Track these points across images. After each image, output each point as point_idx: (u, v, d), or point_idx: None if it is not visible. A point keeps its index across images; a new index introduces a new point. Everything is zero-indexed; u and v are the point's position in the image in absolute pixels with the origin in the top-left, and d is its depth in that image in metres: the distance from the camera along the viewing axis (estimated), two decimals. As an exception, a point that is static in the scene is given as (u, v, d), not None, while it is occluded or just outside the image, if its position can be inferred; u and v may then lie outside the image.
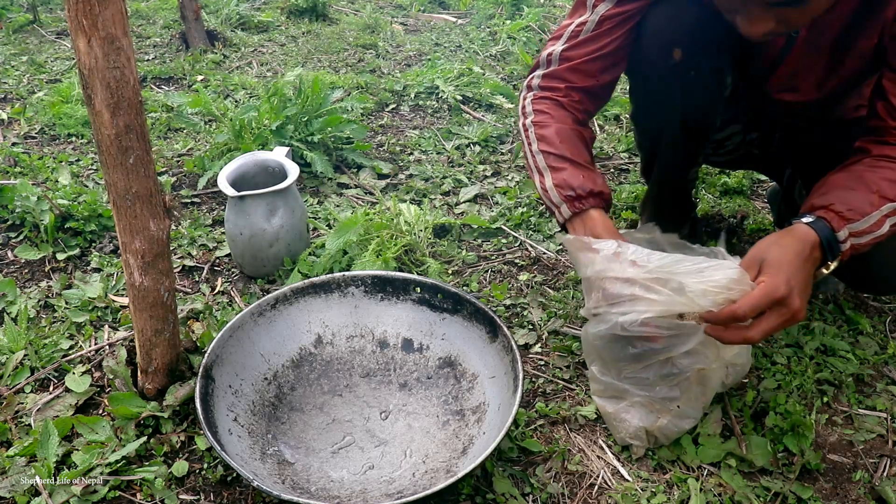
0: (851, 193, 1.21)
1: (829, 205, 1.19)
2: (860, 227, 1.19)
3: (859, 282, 1.54)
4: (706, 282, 1.13)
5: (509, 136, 2.60)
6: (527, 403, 1.44)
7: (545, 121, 1.45)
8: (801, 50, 1.35)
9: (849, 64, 1.34)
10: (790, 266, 1.12)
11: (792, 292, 1.11)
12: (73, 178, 2.17)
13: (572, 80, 1.45)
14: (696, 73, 1.42)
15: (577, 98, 1.46)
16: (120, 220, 1.19)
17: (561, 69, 1.46)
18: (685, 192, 1.81)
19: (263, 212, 1.69)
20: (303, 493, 1.20)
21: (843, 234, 1.18)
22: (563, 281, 1.80)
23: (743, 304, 1.10)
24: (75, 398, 1.39)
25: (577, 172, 1.38)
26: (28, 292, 1.70)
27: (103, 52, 1.04)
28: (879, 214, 1.20)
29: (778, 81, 1.44)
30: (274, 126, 2.22)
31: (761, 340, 1.13)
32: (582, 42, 1.43)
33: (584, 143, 1.45)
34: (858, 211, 1.19)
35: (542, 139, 1.43)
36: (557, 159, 1.41)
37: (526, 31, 3.62)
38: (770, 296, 1.10)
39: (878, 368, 1.55)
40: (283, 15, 4.06)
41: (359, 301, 1.50)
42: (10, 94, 2.85)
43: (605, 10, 1.40)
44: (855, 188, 1.21)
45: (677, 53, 1.40)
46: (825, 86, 1.40)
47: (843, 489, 1.28)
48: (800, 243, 1.16)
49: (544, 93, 1.48)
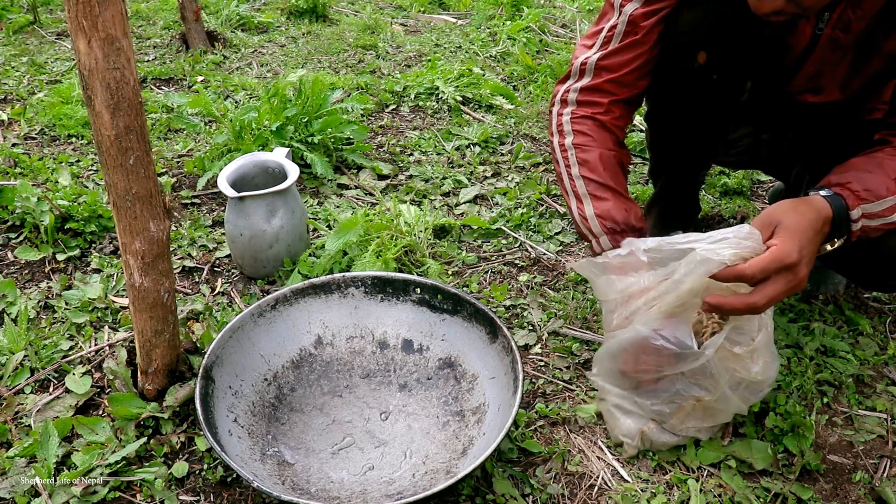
0: (869, 176, 1.20)
1: (846, 182, 1.19)
2: (873, 210, 1.19)
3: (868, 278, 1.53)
4: (716, 238, 1.11)
5: (509, 137, 2.60)
6: (527, 404, 1.44)
7: (588, 143, 1.42)
8: (825, 48, 1.34)
9: (874, 65, 1.33)
10: (804, 234, 1.10)
11: (802, 261, 1.09)
12: (74, 179, 2.17)
13: (614, 93, 1.43)
14: (718, 76, 1.41)
15: (619, 113, 1.45)
16: (120, 221, 1.19)
17: (601, 82, 1.43)
18: (693, 194, 1.81)
19: (263, 213, 1.69)
20: (303, 494, 1.20)
21: (857, 213, 1.18)
22: (563, 282, 1.80)
23: (753, 265, 1.07)
24: (75, 399, 1.39)
25: (620, 205, 1.38)
26: (28, 293, 1.70)
27: (103, 52, 1.04)
28: (893, 200, 1.20)
29: (801, 81, 1.42)
30: (274, 127, 2.23)
31: (766, 308, 1.10)
32: (617, 50, 1.41)
33: (624, 172, 1.45)
34: (874, 192, 1.19)
35: (584, 164, 1.41)
36: (601, 188, 1.39)
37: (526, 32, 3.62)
38: (782, 260, 1.07)
39: (879, 369, 1.55)
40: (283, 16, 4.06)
41: (359, 302, 1.50)
42: (10, 95, 2.85)
43: (632, 9, 1.39)
44: (873, 171, 1.21)
45: (702, 57, 1.38)
46: (849, 87, 1.39)
47: (844, 490, 1.28)
48: (815, 213, 1.14)
49: (584, 109, 1.45)
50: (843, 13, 1.27)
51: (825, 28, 1.31)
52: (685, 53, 1.40)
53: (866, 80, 1.37)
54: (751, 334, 1.20)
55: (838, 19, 1.28)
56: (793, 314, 1.67)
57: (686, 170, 1.70)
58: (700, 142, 1.58)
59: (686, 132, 1.57)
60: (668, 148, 1.66)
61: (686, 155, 1.65)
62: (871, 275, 1.48)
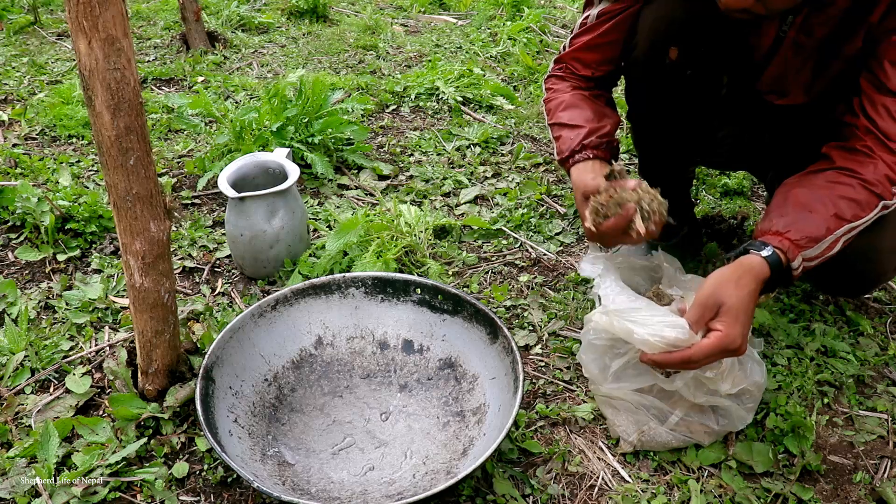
0: (809, 218, 1.22)
1: (786, 231, 1.21)
2: (813, 253, 1.21)
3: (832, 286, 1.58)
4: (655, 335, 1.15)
5: (509, 137, 2.60)
6: (527, 405, 1.44)
7: (552, 96, 1.59)
8: (787, 51, 1.36)
9: (835, 67, 1.35)
10: (746, 314, 1.14)
11: (744, 342, 1.14)
12: (74, 180, 2.17)
13: (573, 67, 1.59)
14: (692, 71, 1.43)
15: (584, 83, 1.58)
16: (120, 222, 1.19)
17: (565, 54, 1.59)
18: (684, 192, 1.81)
19: (264, 213, 1.69)
20: (303, 495, 1.20)
21: (797, 262, 1.20)
22: (564, 282, 1.80)
23: (697, 352, 1.13)
24: (76, 399, 1.39)
25: (569, 134, 1.48)
26: (28, 293, 1.70)
27: (104, 53, 1.04)
28: (833, 238, 1.22)
29: (767, 81, 1.45)
30: (274, 127, 2.22)
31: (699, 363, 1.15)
32: (583, 31, 1.55)
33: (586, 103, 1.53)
34: (814, 238, 1.20)
35: (549, 112, 1.58)
36: (558, 128, 1.52)
37: (526, 32, 3.61)
38: (727, 347, 1.13)
39: (879, 370, 1.55)
40: (284, 16, 4.06)
41: (359, 302, 1.50)
42: (10, 96, 2.85)
43: (603, 5, 1.49)
44: (813, 210, 1.22)
45: (673, 52, 1.41)
46: (813, 89, 1.41)
47: (844, 490, 1.28)
48: (755, 283, 1.17)
49: (553, 72, 1.63)
50: (808, 18, 1.29)
51: (788, 30, 1.33)
52: (656, 50, 1.43)
53: (829, 83, 1.38)
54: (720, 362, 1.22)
55: (802, 23, 1.30)
56: (793, 315, 1.67)
57: (672, 167, 1.71)
58: (682, 138, 1.60)
59: (667, 129, 1.59)
60: (651, 146, 1.69)
61: (670, 152, 1.66)
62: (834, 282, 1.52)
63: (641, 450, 1.32)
